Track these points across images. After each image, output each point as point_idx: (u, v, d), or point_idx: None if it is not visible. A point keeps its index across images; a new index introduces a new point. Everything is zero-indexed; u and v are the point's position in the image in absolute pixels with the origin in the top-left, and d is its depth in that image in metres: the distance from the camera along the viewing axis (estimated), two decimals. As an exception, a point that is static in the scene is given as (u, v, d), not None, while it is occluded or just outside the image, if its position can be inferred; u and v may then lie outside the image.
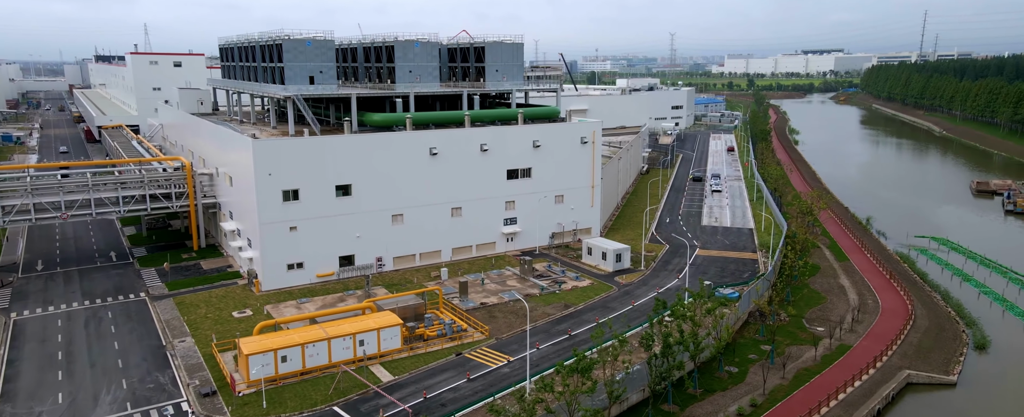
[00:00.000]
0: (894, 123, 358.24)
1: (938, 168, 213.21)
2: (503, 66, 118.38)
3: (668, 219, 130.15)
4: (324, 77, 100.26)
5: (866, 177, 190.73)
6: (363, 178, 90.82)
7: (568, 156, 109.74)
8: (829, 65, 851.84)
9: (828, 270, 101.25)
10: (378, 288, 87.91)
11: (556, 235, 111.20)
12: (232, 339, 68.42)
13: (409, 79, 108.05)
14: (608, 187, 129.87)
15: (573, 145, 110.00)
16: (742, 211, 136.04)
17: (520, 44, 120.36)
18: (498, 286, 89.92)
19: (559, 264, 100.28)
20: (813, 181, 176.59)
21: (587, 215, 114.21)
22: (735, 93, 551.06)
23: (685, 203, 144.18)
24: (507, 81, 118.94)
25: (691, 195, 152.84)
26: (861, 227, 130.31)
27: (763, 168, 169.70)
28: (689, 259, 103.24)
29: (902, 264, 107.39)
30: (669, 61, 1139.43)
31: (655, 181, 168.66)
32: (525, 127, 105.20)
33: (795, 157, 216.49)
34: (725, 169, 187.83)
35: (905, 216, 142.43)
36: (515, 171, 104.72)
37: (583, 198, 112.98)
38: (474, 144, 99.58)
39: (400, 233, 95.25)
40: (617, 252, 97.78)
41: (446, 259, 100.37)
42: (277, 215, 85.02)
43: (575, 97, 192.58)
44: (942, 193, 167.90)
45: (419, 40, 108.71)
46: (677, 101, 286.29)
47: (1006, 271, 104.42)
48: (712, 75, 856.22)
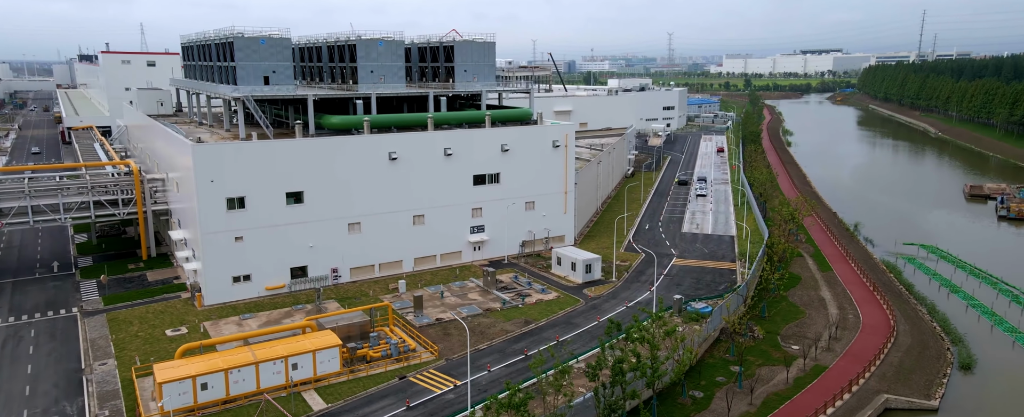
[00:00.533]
0: (890, 124, 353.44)
1: (931, 171, 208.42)
2: (473, 66, 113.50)
3: (647, 225, 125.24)
4: (280, 77, 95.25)
5: (858, 180, 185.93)
6: (316, 184, 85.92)
7: (539, 161, 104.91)
8: (828, 65, 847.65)
9: (809, 281, 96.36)
10: (330, 302, 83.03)
11: (527, 243, 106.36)
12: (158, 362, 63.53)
13: (372, 80, 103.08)
14: (586, 192, 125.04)
15: (545, 149, 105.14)
16: (725, 217, 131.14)
17: (491, 43, 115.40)
18: (458, 300, 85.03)
19: (527, 275, 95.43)
20: (802, 184, 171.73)
21: (560, 222, 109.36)
22: (732, 93, 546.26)
23: (667, 208, 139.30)
24: (478, 82, 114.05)
25: (675, 199, 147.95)
26: (848, 234, 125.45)
27: (750, 172, 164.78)
28: (664, 270, 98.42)
29: (888, 274, 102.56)
30: (667, 61, 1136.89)
31: (640, 185, 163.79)
32: (493, 130, 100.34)
33: (786, 159, 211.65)
34: (712, 172, 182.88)
35: (895, 221, 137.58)
36: (482, 176, 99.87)
37: (556, 204, 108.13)
38: (437, 148, 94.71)
39: (357, 243, 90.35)
40: (586, 262, 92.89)
41: (408, 270, 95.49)
42: (220, 224, 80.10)
43: (560, 98, 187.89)
44: (934, 197, 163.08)
45: (383, 39, 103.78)
46: (668, 102, 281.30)
47: (996, 282, 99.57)
48: (710, 75, 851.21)
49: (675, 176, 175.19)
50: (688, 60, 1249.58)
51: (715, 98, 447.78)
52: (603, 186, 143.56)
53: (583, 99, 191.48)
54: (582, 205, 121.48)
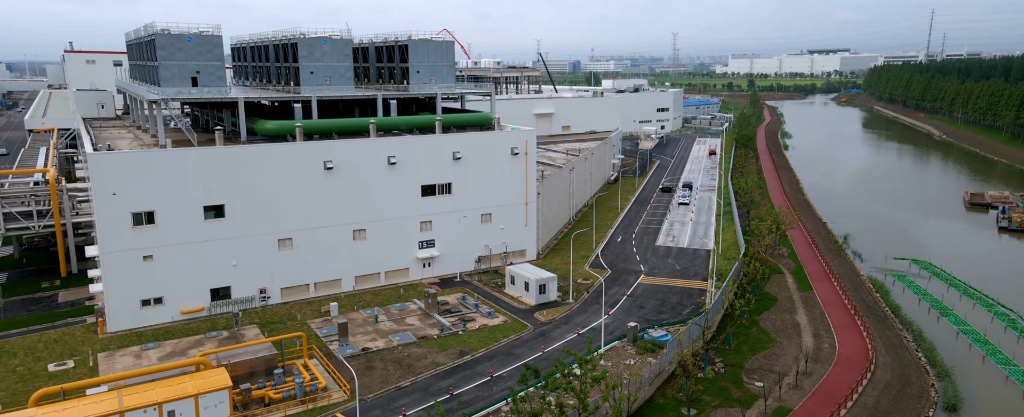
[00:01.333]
0: (894, 126, 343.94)
1: (932, 176, 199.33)
2: (430, 67, 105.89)
3: (620, 238, 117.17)
4: (209, 78, 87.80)
5: (853, 187, 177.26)
6: (240, 197, 78.29)
7: (496, 169, 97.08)
8: (835, 65, 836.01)
9: (785, 303, 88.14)
10: (250, 328, 75.37)
11: (483, 259, 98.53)
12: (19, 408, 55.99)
13: (315, 81, 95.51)
14: (556, 201, 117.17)
15: (502, 157, 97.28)
16: (705, 228, 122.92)
17: (449, 43, 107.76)
18: (394, 325, 77.25)
19: (476, 296, 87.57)
20: (794, 192, 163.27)
21: (520, 236, 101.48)
22: (735, 94, 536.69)
23: (645, 218, 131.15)
24: (436, 84, 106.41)
25: (655, 208, 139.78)
26: (836, 247, 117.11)
27: (738, 178, 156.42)
28: (628, 289, 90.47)
29: (874, 294, 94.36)
30: (673, 61, 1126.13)
31: (621, 192, 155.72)
32: (443, 137, 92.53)
33: (780, 164, 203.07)
34: (700, 178, 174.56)
35: (887, 233, 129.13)
36: (432, 187, 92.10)
37: (515, 216, 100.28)
38: (380, 156, 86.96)
39: (289, 260, 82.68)
40: (540, 282, 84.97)
41: (347, 289, 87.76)
42: (125, 242, 72.56)
43: (541, 100, 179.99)
44: (932, 206, 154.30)
45: (328, 37, 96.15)
46: (662, 103, 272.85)
47: (991, 304, 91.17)
48: (714, 75, 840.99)
49: (660, 182, 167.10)
50: (694, 60, 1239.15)
51: (716, 99, 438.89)
52: (579, 194, 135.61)
53: (566, 101, 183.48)
54: (550, 216, 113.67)
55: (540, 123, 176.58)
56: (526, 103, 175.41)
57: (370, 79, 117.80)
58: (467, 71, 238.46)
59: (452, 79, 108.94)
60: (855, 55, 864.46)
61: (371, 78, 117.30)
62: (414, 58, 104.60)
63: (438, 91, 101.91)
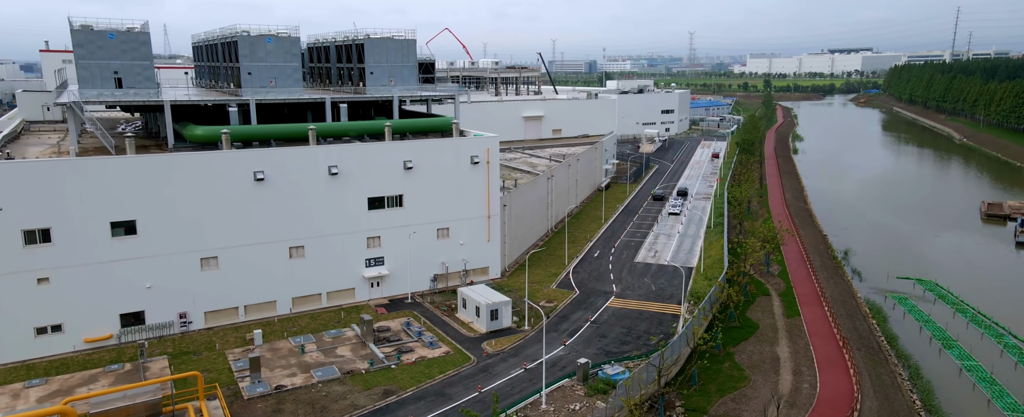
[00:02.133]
0: (913, 128, 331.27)
1: (949, 183, 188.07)
2: (388, 68, 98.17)
3: (598, 252, 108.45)
4: (136, 79, 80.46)
5: (861, 195, 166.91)
6: (154, 211, 70.63)
7: (454, 180, 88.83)
8: (856, 65, 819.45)
9: (767, 331, 79.06)
10: (157, 360, 67.62)
11: (440, 278, 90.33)
12: None
13: (256, 82, 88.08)
14: (529, 212, 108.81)
15: (461, 166, 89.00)
16: (691, 242, 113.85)
17: (411, 41, 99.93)
18: (321, 356, 69.22)
19: (422, 321, 79.38)
20: (796, 200, 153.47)
21: (482, 252, 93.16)
22: (750, 95, 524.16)
23: (630, 230, 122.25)
24: (396, 86, 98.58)
25: (643, 218, 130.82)
26: (833, 264, 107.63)
27: (735, 187, 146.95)
28: (594, 314, 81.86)
29: (869, 320, 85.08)
30: (690, 61, 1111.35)
31: (611, 200, 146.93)
32: (393, 144, 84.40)
33: (786, 170, 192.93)
34: (697, 184, 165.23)
35: (893, 248, 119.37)
36: (380, 199, 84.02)
37: (476, 231, 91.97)
38: (319, 165, 78.96)
39: (214, 281, 74.92)
40: (492, 307, 76.60)
41: (283, 312, 79.91)
42: (16, 263, 65.14)
43: (530, 102, 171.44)
44: (946, 217, 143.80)
45: (273, 35, 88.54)
46: (667, 104, 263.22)
47: (1002, 333, 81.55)
48: (732, 75, 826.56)
49: (655, 188, 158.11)
50: (713, 60, 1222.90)
51: (729, 100, 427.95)
52: (560, 203, 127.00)
53: (557, 103, 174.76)
54: (521, 229, 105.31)
55: (529, 126, 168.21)
56: (515, 105, 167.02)
57: (331, 81, 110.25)
58: (462, 71, 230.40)
59: (414, 81, 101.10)
60: (878, 54, 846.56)
61: (333, 80, 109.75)
62: (370, 58, 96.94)
63: (395, 94, 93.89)
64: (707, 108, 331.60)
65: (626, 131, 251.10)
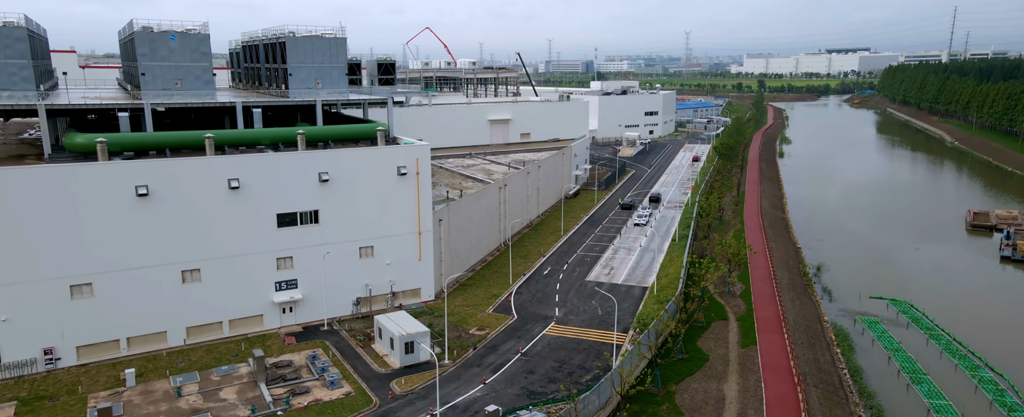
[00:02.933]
0: (906, 130, 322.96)
1: (937, 190, 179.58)
2: (315, 69, 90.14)
3: (549, 269, 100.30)
4: (10, 80, 72.40)
5: (844, 203, 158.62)
6: (10, 232, 62.43)
7: (378, 193, 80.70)
8: (853, 65, 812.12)
9: (718, 364, 70.87)
10: (5, 406, 59.43)
11: (363, 301, 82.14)
12: None
13: (157, 84, 79.99)
14: (478, 225, 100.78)
15: (386, 178, 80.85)
16: (652, 258, 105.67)
17: (340, 40, 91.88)
18: (199, 400, 60.96)
19: (332, 352, 71.21)
20: (773, 209, 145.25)
21: (413, 272, 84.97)
22: (743, 95, 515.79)
23: (589, 243, 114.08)
24: (324, 89, 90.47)
25: (605, 230, 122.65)
26: (803, 282, 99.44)
27: (707, 195, 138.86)
28: (526, 345, 73.68)
29: (834, 348, 76.91)
30: (686, 61, 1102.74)
31: (577, 208, 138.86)
32: (304, 154, 76.15)
33: (768, 175, 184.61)
34: (672, 191, 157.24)
35: (870, 262, 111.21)
36: (291, 215, 75.85)
37: (405, 249, 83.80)
38: (218, 178, 70.77)
39: (88, 311, 66.70)
40: (407, 338, 68.41)
41: (176, 343, 71.72)
42: None
43: (496, 105, 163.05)
44: (930, 227, 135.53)
45: (177, 32, 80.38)
46: (651, 106, 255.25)
47: (977, 366, 73.40)
48: (729, 75, 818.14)
49: (627, 195, 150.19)
50: (712, 59, 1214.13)
51: (720, 101, 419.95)
52: (516, 214, 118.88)
53: (526, 105, 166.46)
54: (464, 244, 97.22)
55: (495, 130, 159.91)
56: (481, 108, 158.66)
57: (260, 83, 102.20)
58: (438, 72, 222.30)
59: (343, 83, 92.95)
60: (875, 54, 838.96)
61: (261, 82, 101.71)
62: (293, 58, 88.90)
63: (319, 98, 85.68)
64: (695, 110, 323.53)
65: (608, 133, 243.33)
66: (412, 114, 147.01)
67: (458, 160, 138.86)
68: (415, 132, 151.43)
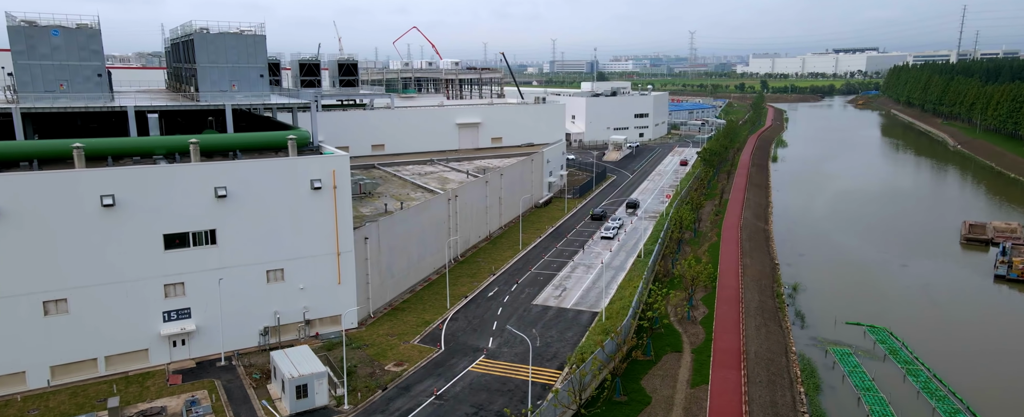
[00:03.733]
0: (910, 132, 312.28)
1: (935, 198, 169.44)
2: (229, 70, 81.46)
3: (495, 290, 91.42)
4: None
5: (833, 212, 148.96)
6: None
7: (288, 209, 72.04)
8: (861, 65, 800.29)
9: (659, 408, 61.81)
10: None
11: (272, 331, 73.44)
12: None
13: (38, 86, 71.52)
14: (419, 242, 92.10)
15: (297, 192, 72.17)
16: (612, 276, 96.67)
17: (258, 37, 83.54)
18: (41, 454, 52.38)
19: (220, 394, 62.53)
20: (756, 220, 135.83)
21: (332, 297, 76.27)
22: (746, 95, 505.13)
23: (547, 259, 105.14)
24: (239, 92, 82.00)
25: (570, 244, 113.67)
26: (775, 304, 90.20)
27: (685, 205, 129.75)
28: (444, 385, 64.83)
29: (797, 387, 67.77)
30: (691, 60, 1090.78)
31: (544, 218, 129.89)
32: (197, 167, 67.44)
33: (756, 181, 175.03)
34: (651, 199, 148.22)
35: (851, 281, 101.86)
36: (182, 236, 67.21)
37: (323, 271, 75.11)
38: (86, 194, 62.17)
39: (-66, 347, 58.28)
40: (299, 381, 59.63)
41: (38, 385, 63.11)
42: None
43: (465, 108, 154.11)
44: (922, 240, 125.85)
45: (59, 27, 71.98)
46: (641, 108, 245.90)
47: (957, 411, 64.04)
48: (733, 75, 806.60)
49: (604, 202, 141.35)
50: (718, 59, 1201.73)
51: (720, 102, 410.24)
52: (471, 227, 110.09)
53: (498, 108, 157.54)
54: (403, 263, 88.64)
55: (464, 135, 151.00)
56: (448, 111, 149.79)
57: (181, 85, 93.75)
58: (417, 73, 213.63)
59: (262, 86, 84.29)
60: (883, 54, 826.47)
61: (183, 83, 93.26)
62: (203, 57, 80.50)
63: (230, 102, 77.12)
64: (691, 111, 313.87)
65: (596, 136, 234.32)
66: (373, 118, 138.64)
67: (417, 167, 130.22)
68: (377, 137, 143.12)
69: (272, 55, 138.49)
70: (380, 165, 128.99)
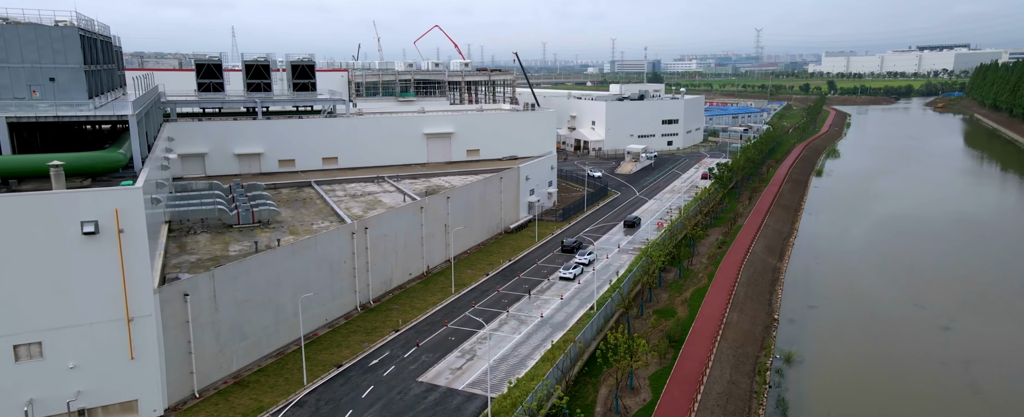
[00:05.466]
0: (995, 140, 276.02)
1: (1015, 231, 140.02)
2: (27, 71, 63.53)
3: (381, 357, 70.92)
4: None
5: (871, 246, 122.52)
6: None
7: (47, 262, 53.36)
8: (947, 63, 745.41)
9: None
10: None
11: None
12: None
13: None
14: (305, 288, 72.39)
15: (60, 239, 53.41)
16: (544, 338, 74.94)
17: (69, 30, 65.26)
18: None
19: None
20: (769, 255, 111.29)
21: (123, 377, 57.36)
22: (812, 97, 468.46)
23: (476, 308, 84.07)
24: (43, 100, 64.15)
25: (514, 287, 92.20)
26: (751, 387, 67.01)
27: (675, 233, 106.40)
28: None
29: None
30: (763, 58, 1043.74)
31: (507, 249, 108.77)
32: None
33: (788, 201, 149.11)
34: (650, 220, 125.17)
35: (867, 351, 77.33)
36: None
37: (107, 344, 56.25)
38: None
39: None
40: None
41: None
42: None
43: (436, 116, 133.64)
44: (980, 287, 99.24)
45: None
46: (670, 113, 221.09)
47: None
48: (803, 75, 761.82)
49: (596, 223, 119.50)
50: (792, 57, 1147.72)
51: (776, 104, 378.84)
52: (391, 265, 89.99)
53: (475, 116, 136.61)
54: (265, 321, 69.22)
55: (434, 146, 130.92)
56: (416, 119, 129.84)
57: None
58: (414, 74, 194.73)
59: (79, 92, 66.03)
60: (974, 51, 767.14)
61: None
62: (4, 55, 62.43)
63: (63, 111, 59.15)
64: (735, 116, 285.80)
65: (619, 145, 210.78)
66: (325, 128, 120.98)
67: (360, 185, 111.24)
68: (330, 149, 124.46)
69: (261, 56, 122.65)
70: (318, 182, 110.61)
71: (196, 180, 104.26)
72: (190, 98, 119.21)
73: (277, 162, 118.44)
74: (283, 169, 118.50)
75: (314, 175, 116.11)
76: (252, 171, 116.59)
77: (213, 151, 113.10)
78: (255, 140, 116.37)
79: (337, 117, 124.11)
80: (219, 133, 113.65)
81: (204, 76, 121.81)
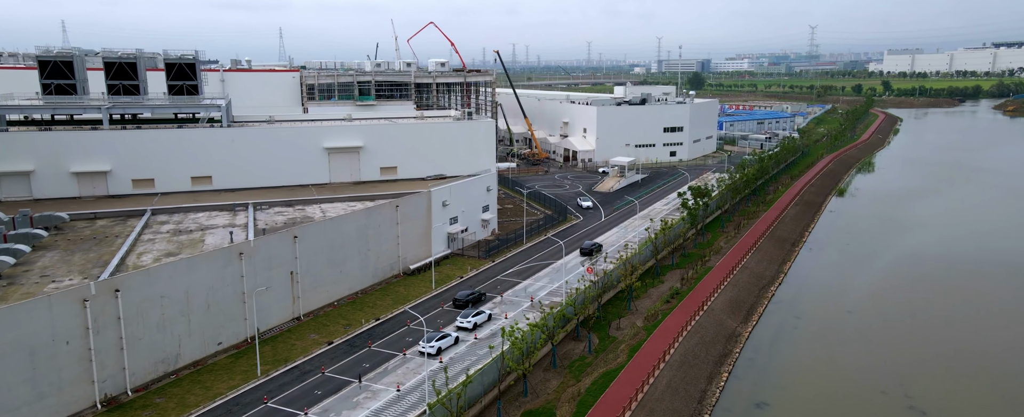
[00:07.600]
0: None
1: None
2: None
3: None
4: None
5: (875, 298, 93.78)
6: None
7: None
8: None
9: None
10: None
11: None
12: None
13: None
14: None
15: None
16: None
17: None
18: None
19: None
20: (733, 311, 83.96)
21: None
22: (856, 99, 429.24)
23: (265, 405, 59.74)
24: None
25: (347, 369, 67.59)
26: None
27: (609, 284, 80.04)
28: None
29: None
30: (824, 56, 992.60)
31: (397, 297, 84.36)
32: None
33: (785, 232, 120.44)
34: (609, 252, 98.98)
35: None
36: None
37: None
38: None
39: None
40: None
41: None
42: None
43: (340, 127, 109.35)
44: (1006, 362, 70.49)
45: None
46: (673, 120, 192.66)
47: None
48: (860, 75, 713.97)
49: (493, 278, 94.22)
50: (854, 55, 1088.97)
51: (816, 108, 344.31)
52: (166, 342, 66.36)
53: (391, 127, 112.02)
54: None
55: (338, 163, 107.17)
56: (311, 132, 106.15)
57: None
58: (375, 75, 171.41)
59: None
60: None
61: None
62: None
63: None
64: (761, 121, 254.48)
65: (611, 155, 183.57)
66: (197, 140, 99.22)
67: (205, 216, 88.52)
68: (202, 167, 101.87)
69: (128, 51, 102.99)
70: (157, 210, 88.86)
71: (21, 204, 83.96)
72: (22, 103, 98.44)
73: (131, 182, 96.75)
74: (138, 191, 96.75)
75: (171, 199, 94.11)
76: (96, 193, 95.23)
77: (41, 168, 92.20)
78: (100, 155, 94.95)
79: (202, 129, 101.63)
80: (50, 146, 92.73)
81: (49, 75, 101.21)
